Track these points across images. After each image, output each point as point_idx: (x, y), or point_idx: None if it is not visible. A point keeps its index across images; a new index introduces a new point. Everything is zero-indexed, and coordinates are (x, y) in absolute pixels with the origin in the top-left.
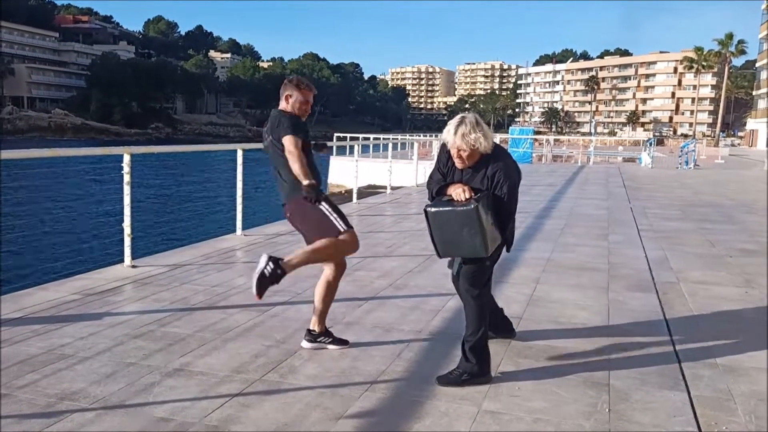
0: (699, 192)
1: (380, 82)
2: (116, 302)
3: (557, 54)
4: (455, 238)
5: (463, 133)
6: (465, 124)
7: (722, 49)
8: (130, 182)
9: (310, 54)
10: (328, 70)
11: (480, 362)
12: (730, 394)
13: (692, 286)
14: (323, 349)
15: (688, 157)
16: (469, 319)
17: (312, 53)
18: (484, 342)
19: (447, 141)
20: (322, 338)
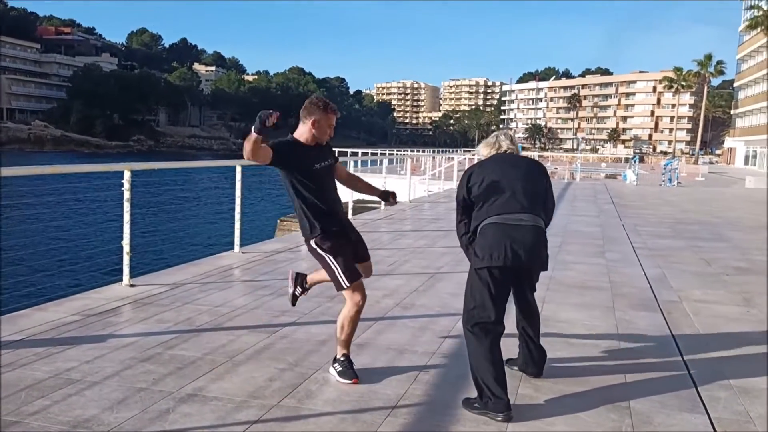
0: (685, 210)
1: (366, 96)
2: (118, 323)
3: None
4: None
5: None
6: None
7: (701, 69)
8: (130, 199)
9: (295, 68)
10: (314, 84)
11: (480, 394)
12: (749, 416)
13: (694, 305)
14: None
15: (672, 175)
16: None
17: (297, 67)
18: (476, 375)
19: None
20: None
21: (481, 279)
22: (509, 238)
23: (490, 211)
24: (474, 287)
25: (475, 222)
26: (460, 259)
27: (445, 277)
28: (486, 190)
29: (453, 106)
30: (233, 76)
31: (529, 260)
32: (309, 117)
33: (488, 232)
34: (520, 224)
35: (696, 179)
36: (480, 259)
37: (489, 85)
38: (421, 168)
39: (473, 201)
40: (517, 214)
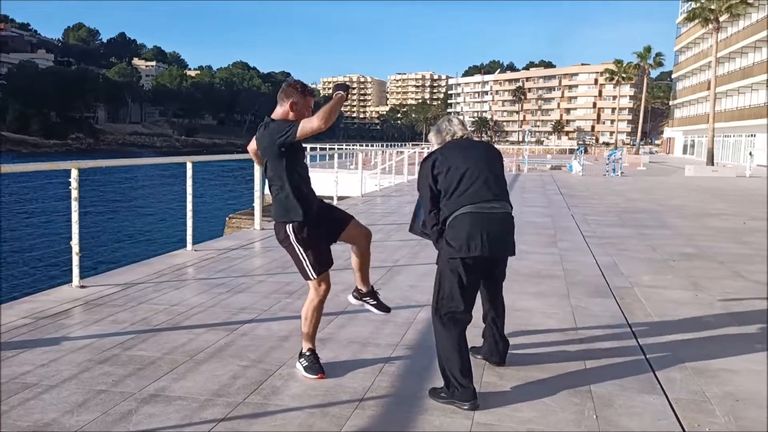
0: (630, 198)
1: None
2: (71, 325)
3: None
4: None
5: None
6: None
7: (641, 61)
8: (78, 198)
9: (239, 63)
10: (259, 78)
11: (449, 385)
12: (705, 395)
13: (645, 291)
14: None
15: (615, 165)
16: None
17: (241, 62)
18: (443, 364)
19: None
20: (367, 298)
21: (453, 269)
22: (485, 228)
23: (462, 200)
24: (445, 277)
25: (446, 212)
26: (417, 252)
27: (402, 270)
28: (454, 178)
29: (400, 100)
30: (175, 72)
31: (504, 249)
32: (287, 99)
33: (463, 221)
34: (494, 212)
35: (638, 169)
36: (456, 249)
37: (435, 78)
38: (371, 162)
39: (440, 190)
40: (490, 203)
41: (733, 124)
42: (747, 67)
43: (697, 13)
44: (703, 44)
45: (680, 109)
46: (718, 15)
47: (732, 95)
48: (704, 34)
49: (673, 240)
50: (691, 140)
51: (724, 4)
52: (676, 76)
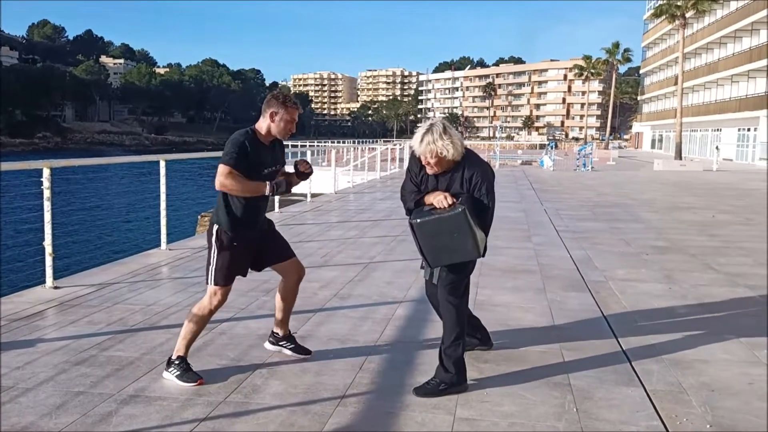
0: (601, 193)
1: (282, 88)
2: (46, 327)
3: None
4: (448, 245)
5: (428, 141)
6: (431, 132)
7: (609, 57)
8: (50, 198)
9: (209, 60)
10: (229, 76)
11: (458, 372)
12: (681, 387)
13: (620, 284)
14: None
15: (586, 160)
16: (448, 329)
17: (211, 59)
18: (462, 351)
19: (414, 149)
20: (284, 342)
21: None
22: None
23: None
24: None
25: None
26: (393, 248)
27: (379, 267)
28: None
29: (371, 97)
30: (144, 69)
31: None
32: (267, 109)
33: None
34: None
35: (608, 163)
36: None
37: (406, 75)
38: (343, 159)
39: None
40: None
41: (699, 119)
42: (712, 62)
43: (663, 10)
44: (670, 40)
45: (648, 104)
46: (685, 11)
47: (698, 90)
48: (671, 30)
49: (646, 233)
50: (659, 135)
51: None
52: (644, 72)
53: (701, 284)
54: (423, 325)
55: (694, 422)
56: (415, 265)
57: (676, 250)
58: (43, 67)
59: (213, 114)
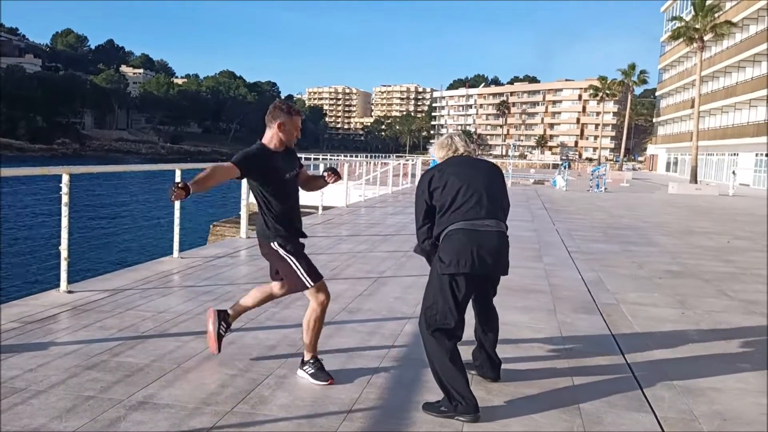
0: (614, 215)
1: (297, 101)
2: (59, 330)
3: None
4: None
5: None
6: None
7: (625, 78)
8: (68, 203)
9: (226, 71)
10: (245, 88)
11: (451, 400)
12: (693, 414)
13: (631, 308)
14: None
15: (599, 181)
16: None
17: (228, 71)
18: (444, 384)
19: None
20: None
21: (444, 285)
22: (476, 244)
23: (454, 217)
24: (436, 292)
25: (438, 228)
26: (403, 264)
27: (389, 282)
28: (449, 194)
29: (384, 112)
30: (162, 79)
31: (495, 267)
32: (274, 121)
33: (454, 237)
34: (487, 230)
35: (621, 185)
36: (446, 264)
37: (420, 91)
38: (355, 173)
39: (434, 205)
40: (482, 220)
41: (716, 143)
42: (730, 86)
43: (681, 32)
44: (687, 63)
45: (663, 127)
46: (703, 34)
47: (715, 114)
48: (688, 53)
49: (659, 257)
50: (674, 158)
51: (709, 23)
52: (659, 94)
53: (715, 310)
54: None
55: None
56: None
57: (690, 275)
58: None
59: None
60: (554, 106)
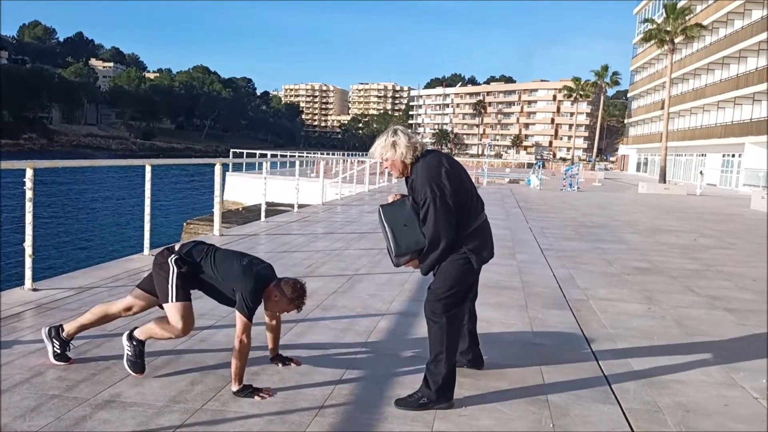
0: (587, 213)
1: (273, 98)
2: (23, 329)
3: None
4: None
5: (379, 144)
6: (380, 137)
7: (598, 79)
8: (32, 199)
9: (200, 67)
10: (219, 83)
11: (439, 389)
12: (657, 406)
13: (601, 303)
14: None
15: (572, 180)
16: (430, 345)
17: (202, 66)
18: (444, 369)
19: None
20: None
21: (466, 274)
22: (489, 235)
23: (472, 214)
24: (456, 281)
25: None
26: (378, 261)
27: (364, 279)
28: (463, 193)
29: (362, 110)
30: (133, 73)
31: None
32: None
33: (475, 232)
34: (486, 220)
35: (593, 184)
36: (477, 256)
37: (397, 90)
38: (332, 171)
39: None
40: (482, 213)
41: (685, 144)
42: (699, 88)
43: (653, 34)
44: (658, 65)
45: (635, 128)
46: (674, 37)
47: (684, 115)
48: (659, 55)
49: (628, 254)
50: (645, 158)
51: (680, 26)
52: (631, 95)
53: (681, 306)
54: (405, 339)
55: None
56: (400, 278)
57: (658, 272)
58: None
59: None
60: (529, 106)
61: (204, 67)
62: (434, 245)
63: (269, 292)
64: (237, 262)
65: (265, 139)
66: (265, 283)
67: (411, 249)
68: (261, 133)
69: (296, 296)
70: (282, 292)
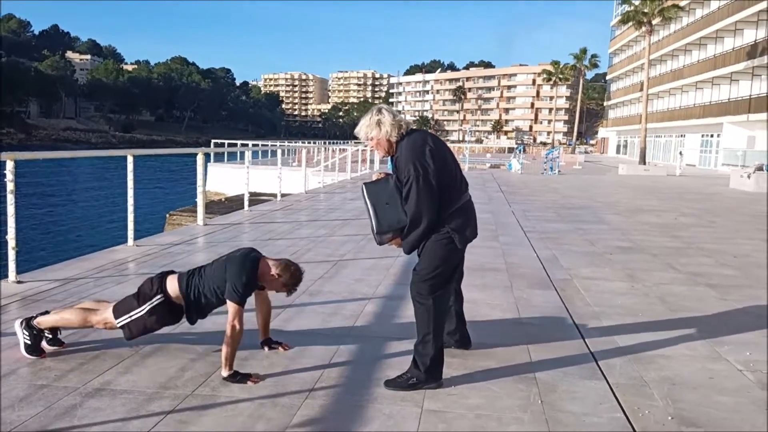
0: (567, 195)
1: (253, 88)
2: (8, 321)
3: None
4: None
5: (363, 123)
6: (365, 116)
7: (577, 62)
8: (14, 191)
9: (178, 58)
10: (198, 74)
11: (427, 369)
12: (644, 380)
13: (584, 282)
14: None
15: (553, 164)
16: (417, 326)
17: (180, 57)
18: (432, 349)
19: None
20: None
21: (451, 254)
22: (472, 216)
23: (455, 194)
24: (441, 261)
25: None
26: (362, 247)
27: (349, 264)
28: (446, 172)
29: (342, 98)
30: (111, 66)
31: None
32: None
33: (458, 212)
34: (470, 200)
35: (574, 167)
36: (460, 236)
37: (377, 77)
38: (314, 160)
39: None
40: (466, 192)
41: (664, 125)
42: (677, 69)
43: (630, 16)
44: (636, 47)
45: (614, 110)
46: (651, 18)
47: (663, 96)
48: (637, 37)
49: (610, 234)
50: (624, 140)
51: (657, 7)
52: (610, 78)
53: (663, 283)
54: (391, 322)
55: (656, 414)
56: (385, 263)
57: (639, 251)
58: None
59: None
60: (509, 91)
61: (182, 58)
62: (415, 224)
63: (263, 269)
64: (217, 263)
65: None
66: (253, 263)
67: (393, 227)
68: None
69: (292, 282)
70: (281, 270)
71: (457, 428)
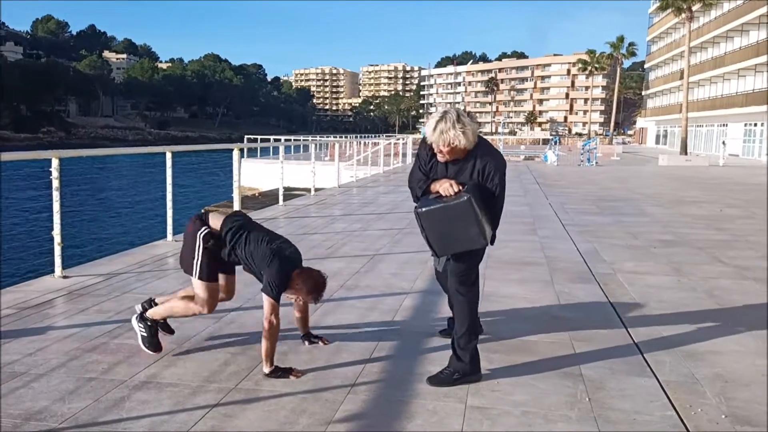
0: (606, 187)
1: (284, 83)
2: (56, 315)
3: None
4: (453, 233)
5: (441, 129)
6: (445, 120)
7: (614, 51)
8: (59, 188)
9: (211, 55)
10: (231, 71)
11: (471, 361)
12: (695, 377)
13: (628, 276)
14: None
15: (590, 155)
16: (460, 318)
17: (213, 54)
18: (473, 342)
19: (427, 136)
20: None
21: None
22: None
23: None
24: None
25: None
26: (398, 240)
27: (385, 259)
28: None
29: (372, 92)
30: (146, 64)
31: None
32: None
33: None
34: None
35: (612, 159)
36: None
37: (408, 70)
38: (346, 154)
39: None
40: None
41: (705, 114)
42: (719, 56)
43: (669, 3)
44: (676, 34)
45: (653, 99)
46: (691, 4)
47: (704, 85)
48: (676, 24)
49: (652, 227)
50: (664, 130)
51: None
52: (648, 66)
53: (711, 277)
54: (431, 316)
55: (709, 412)
56: (421, 257)
57: (684, 243)
58: (47, 63)
59: (215, 109)
60: (543, 82)
61: (215, 55)
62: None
63: (293, 279)
64: (266, 245)
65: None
66: (293, 267)
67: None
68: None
69: (316, 291)
70: (304, 281)
71: (502, 426)
